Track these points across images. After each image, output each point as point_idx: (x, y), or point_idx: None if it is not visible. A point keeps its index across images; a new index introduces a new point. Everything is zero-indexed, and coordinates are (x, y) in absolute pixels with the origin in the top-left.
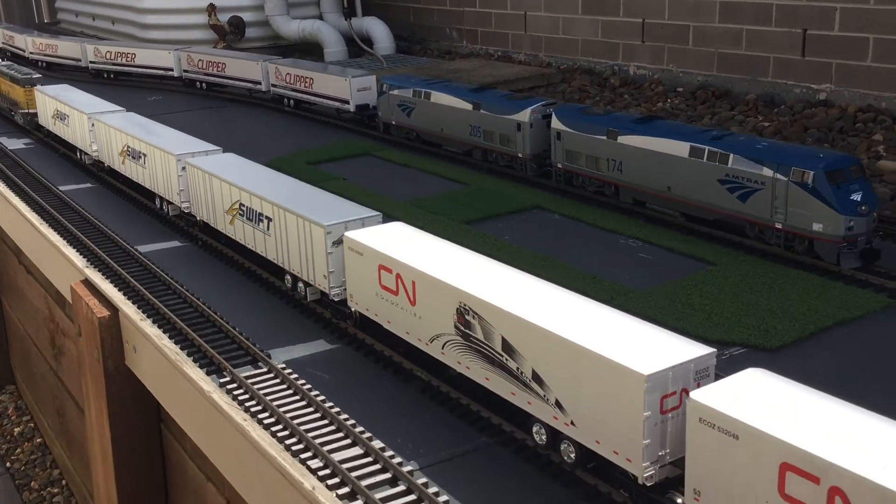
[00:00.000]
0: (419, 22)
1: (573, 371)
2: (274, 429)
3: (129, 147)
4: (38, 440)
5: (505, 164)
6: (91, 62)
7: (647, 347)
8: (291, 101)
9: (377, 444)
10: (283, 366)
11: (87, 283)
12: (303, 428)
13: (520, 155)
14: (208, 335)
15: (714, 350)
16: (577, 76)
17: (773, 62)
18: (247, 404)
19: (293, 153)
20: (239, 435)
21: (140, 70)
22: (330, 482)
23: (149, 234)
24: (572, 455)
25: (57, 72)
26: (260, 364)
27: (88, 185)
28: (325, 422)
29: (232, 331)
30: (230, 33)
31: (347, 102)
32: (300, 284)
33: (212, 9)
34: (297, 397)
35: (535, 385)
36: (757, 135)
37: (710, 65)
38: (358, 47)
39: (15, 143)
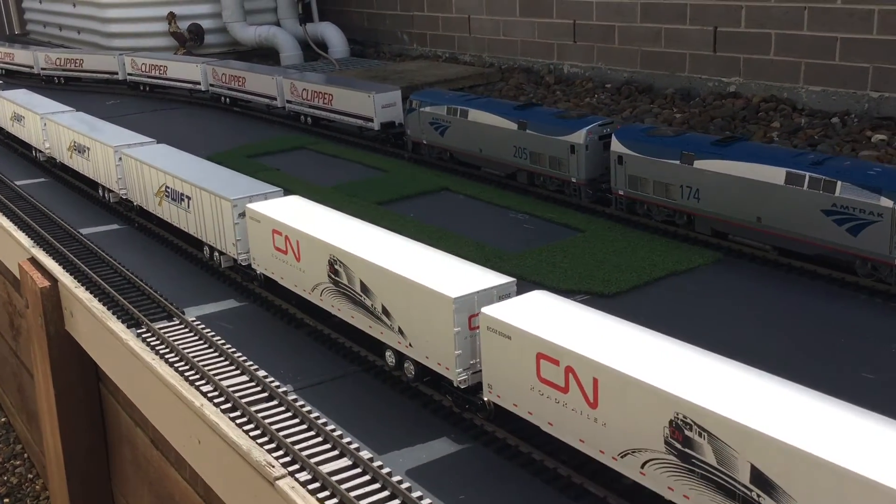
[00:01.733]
0: (373, 26)
1: (407, 301)
2: (177, 365)
3: (75, 142)
4: (3, 419)
5: (555, 190)
6: (129, 74)
7: (460, 278)
8: (308, 119)
9: (261, 373)
10: (195, 319)
11: (33, 261)
12: (201, 363)
13: (573, 180)
14: (132, 297)
15: (514, 280)
16: (516, 75)
17: (688, 58)
18: (159, 349)
19: (235, 147)
20: (150, 374)
21: (172, 83)
22: (216, 400)
23: (92, 218)
24: (412, 371)
25: (17, 80)
26: (174, 318)
27: (42, 179)
28: (222, 359)
29: (154, 294)
30: (189, 40)
31: (371, 120)
32: (215, 254)
33: (172, 17)
34: (202, 342)
35: (384, 318)
36: (667, 125)
37: (635, 62)
38: (313, 51)
39: None
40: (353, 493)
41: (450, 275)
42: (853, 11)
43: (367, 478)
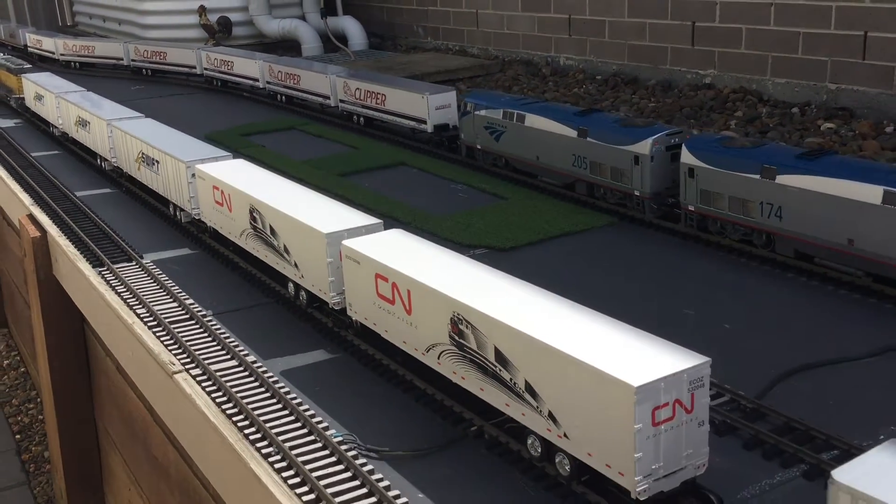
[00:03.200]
0: (391, 20)
1: (299, 239)
2: (123, 294)
3: (79, 118)
4: (22, 369)
5: (616, 203)
6: (205, 69)
7: (336, 218)
8: (361, 119)
9: (189, 301)
10: (150, 263)
11: (31, 217)
12: (141, 292)
13: (636, 193)
14: (103, 245)
15: (380, 221)
16: (515, 66)
17: (669, 51)
18: (112, 283)
19: (233, 127)
20: (103, 302)
21: (238, 79)
22: (146, 320)
23: (87, 183)
24: (305, 299)
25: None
26: (133, 261)
27: (56, 151)
28: (160, 290)
29: (121, 242)
30: (218, 32)
31: (424, 122)
32: (179, 212)
33: (202, 10)
34: (149, 279)
35: (285, 255)
36: (640, 113)
37: (622, 55)
38: (332, 44)
39: (7, 123)
40: (232, 387)
41: (328, 216)
42: (814, 7)
43: (246, 374)
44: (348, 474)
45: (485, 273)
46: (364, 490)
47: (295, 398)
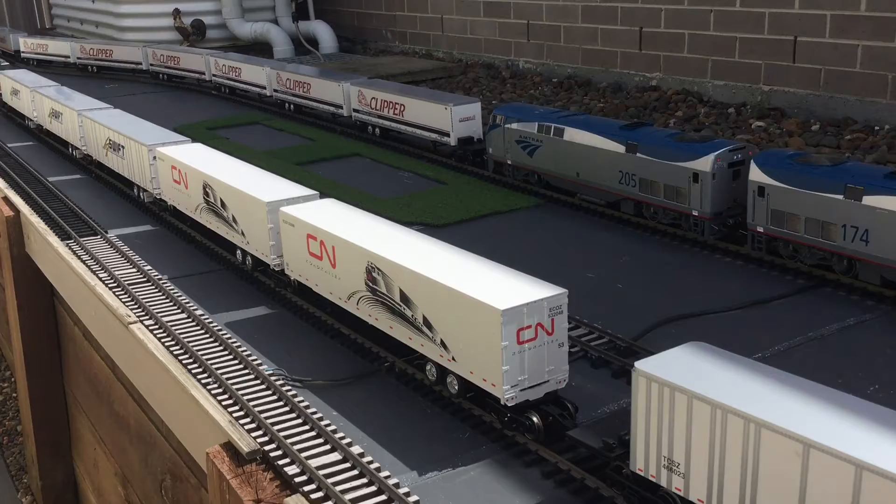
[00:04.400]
0: (361, 25)
1: (245, 209)
2: (88, 262)
3: (52, 109)
4: None
5: (670, 223)
6: (214, 75)
7: (276, 190)
8: (377, 130)
9: (147, 267)
10: (115, 237)
11: (5, 198)
12: (104, 260)
13: (694, 213)
14: (71, 222)
15: (316, 193)
16: (477, 69)
17: (619, 55)
18: (79, 254)
19: (201, 121)
20: (69, 270)
21: (244, 86)
22: (108, 283)
23: (59, 170)
24: (250, 263)
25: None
26: (98, 235)
27: (31, 143)
28: (122, 258)
29: (88, 219)
30: (192, 34)
31: (447, 135)
32: (142, 192)
33: (177, 13)
34: (113, 250)
35: (234, 224)
36: (589, 113)
37: (577, 58)
38: (304, 47)
39: None
40: (180, 334)
41: (270, 189)
42: (749, 14)
43: (194, 324)
44: (276, 399)
45: (396, 231)
46: (288, 410)
47: (235, 342)
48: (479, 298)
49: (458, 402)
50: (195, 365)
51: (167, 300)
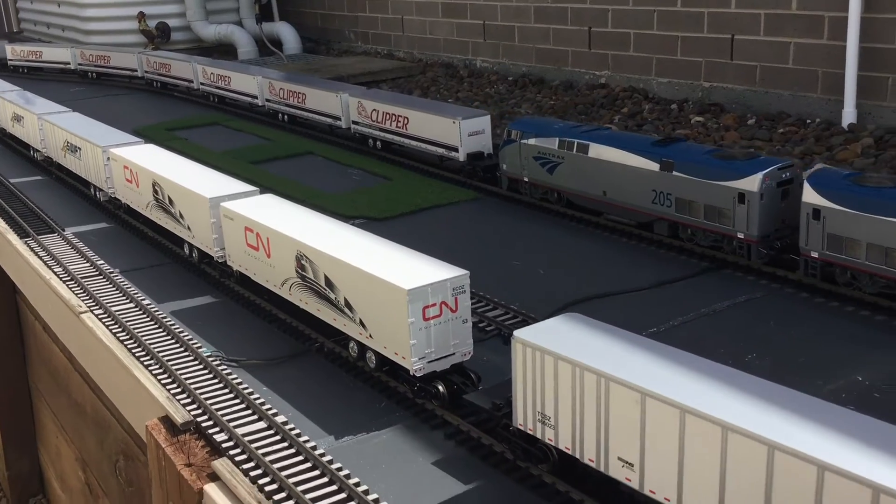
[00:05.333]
0: (325, 26)
1: (190, 204)
2: (43, 257)
3: (14, 113)
4: None
5: (711, 245)
6: (202, 83)
7: (219, 187)
8: (378, 143)
9: (100, 262)
10: (71, 234)
11: None
12: (58, 255)
13: (739, 235)
14: (31, 221)
15: (256, 189)
16: (436, 69)
17: (571, 54)
18: (35, 250)
19: (160, 122)
20: (27, 265)
21: (234, 95)
22: (62, 276)
23: (21, 171)
24: (196, 255)
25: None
26: (55, 233)
27: None
28: (76, 254)
29: (47, 218)
30: (157, 37)
31: (456, 150)
32: (98, 192)
33: (141, 16)
34: (69, 246)
35: (181, 220)
36: (539, 110)
37: (531, 57)
38: (268, 48)
39: None
40: (127, 321)
41: (213, 185)
42: (690, 13)
43: (141, 314)
44: (211, 377)
45: (324, 222)
46: (221, 385)
47: (178, 328)
48: (389, 280)
49: (378, 376)
50: (139, 349)
51: (117, 291)
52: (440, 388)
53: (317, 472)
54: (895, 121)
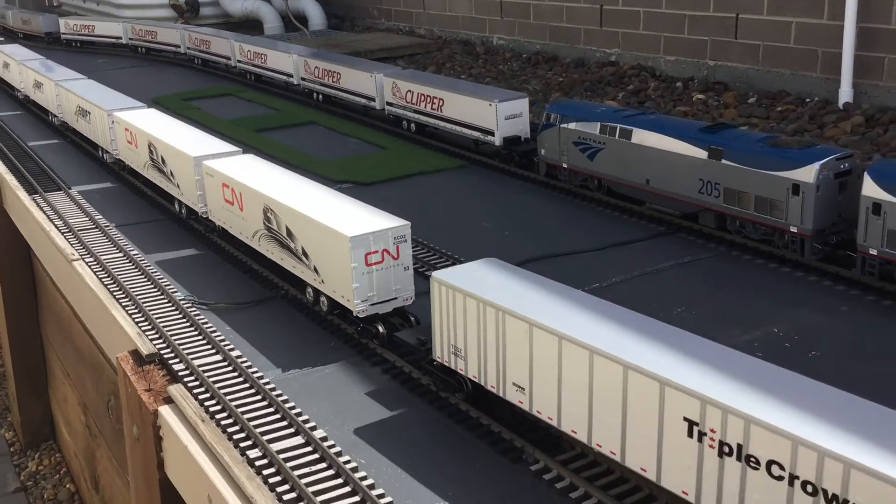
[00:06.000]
0: (350, 3)
1: (179, 163)
2: (48, 213)
3: (36, 81)
4: None
5: (761, 238)
6: (239, 61)
7: (204, 147)
8: (412, 125)
9: (98, 217)
10: (76, 193)
11: None
12: (62, 211)
13: (792, 229)
14: (41, 180)
15: (239, 150)
16: (453, 46)
17: (583, 32)
18: (42, 207)
19: (177, 93)
20: (33, 220)
21: (269, 73)
22: (62, 229)
23: (39, 135)
24: (184, 212)
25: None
26: (61, 191)
27: (19, 112)
28: (77, 209)
29: (56, 177)
30: (187, 11)
31: (492, 133)
32: (104, 154)
33: None
34: (72, 203)
35: (172, 178)
36: (545, 85)
37: (545, 35)
38: (293, 24)
39: None
40: (113, 269)
41: (200, 146)
42: None
43: (128, 262)
44: (180, 316)
45: (291, 179)
46: (188, 324)
47: (159, 275)
48: (335, 228)
49: (331, 319)
50: (120, 292)
51: (109, 243)
52: (380, 328)
53: (258, 397)
54: (890, 100)
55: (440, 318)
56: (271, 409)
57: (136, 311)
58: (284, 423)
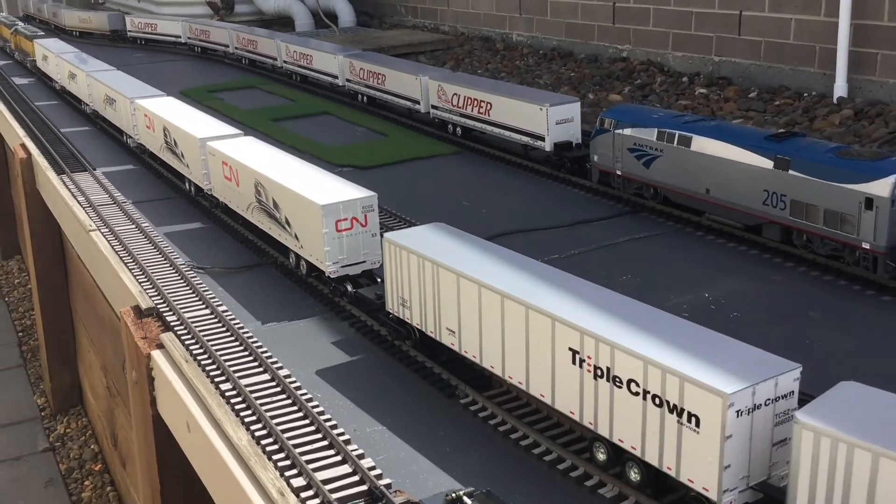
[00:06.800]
0: (379, 0)
1: (185, 141)
2: (72, 190)
3: (70, 72)
4: (29, 286)
5: (830, 255)
6: (285, 62)
7: (210, 130)
8: (458, 129)
9: (117, 194)
10: (101, 174)
11: (22, 145)
12: (85, 189)
13: (864, 245)
14: (70, 162)
15: (241, 132)
16: (474, 42)
17: (596, 29)
18: (67, 184)
19: (203, 85)
20: (60, 197)
21: (315, 74)
22: (84, 205)
23: (72, 123)
24: (190, 188)
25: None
26: (87, 171)
27: (55, 102)
28: (98, 188)
29: (82, 158)
30: (222, 9)
31: (542, 139)
32: (128, 138)
33: None
34: (95, 182)
35: (182, 158)
36: (557, 80)
37: (561, 31)
38: (323, 21)
39: (22, 81)
40: (125, 239)
41: (206, 128)
42: None
43: (138, 233)
44: (182, 283)
45: (282, 157)
46: (183, 284)
47: (165, 244)
48: (310, 197)
49: (310, 281)
50: (128, 257)
51: (124, 216)
52: (349, 287)
53: (237, 343)
54: (882, 94)
55: (391, 274)
56: (246, 353)
57: (141, 273)
58: (256, 363)
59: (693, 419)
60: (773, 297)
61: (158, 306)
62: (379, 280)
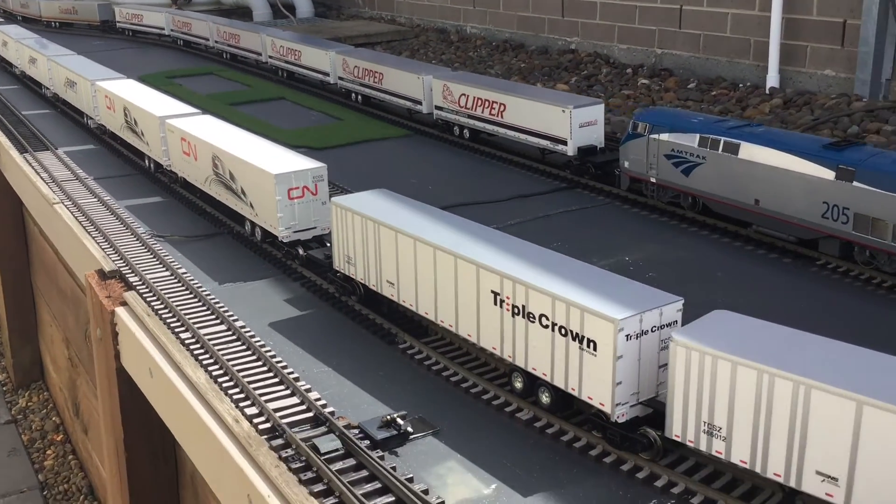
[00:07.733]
0: None
1: (148, 124)
2: (36, 168)
3: (30, 57)
4: None
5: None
6: (270, 57)
7: (169, 109)
8: (466, 132)
9: (79, 171)
10: (62, 152)
11: None
12: (48, 167)
13: None
14: (32, 142)
15: (200, 111)
16: (428, 33)
17: (547, 22)
18: (32, 164)
19: (162, 71)
20: (24, 176)
21: (304, 71)
22: (48, 181)
23: (33, 105)
24: (152, 166)
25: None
26: (48, 150)
27: (15, 86)
28: (61, 166)
29: (44, 139)
30: None
31: (564, 142)
32: (88, 119)
33: None
34: (58, 161)
35: (144, 139)
36: (507, 70)
37: (513, 24)
38: (282, 12)
39: None
40: (88, 211)
41: (164, 107)
42: None
43: (100, 206)
44: (143, 249)
45: (238, 132)
46: (144, 249)
47: (126, 216)
48: (264, 168)
49: (264, 247)
50: (91, 227)
51: (86, 191)
52: (300, 250)
53: (195, 300)
54: (811, 85)
55: (338, 234)
56: (204, 308)
57: (104, 240)
58: (213, 316)
59: (591, 344)
60: (685, 260)
61: (122, 269)
62: (328, 244)
